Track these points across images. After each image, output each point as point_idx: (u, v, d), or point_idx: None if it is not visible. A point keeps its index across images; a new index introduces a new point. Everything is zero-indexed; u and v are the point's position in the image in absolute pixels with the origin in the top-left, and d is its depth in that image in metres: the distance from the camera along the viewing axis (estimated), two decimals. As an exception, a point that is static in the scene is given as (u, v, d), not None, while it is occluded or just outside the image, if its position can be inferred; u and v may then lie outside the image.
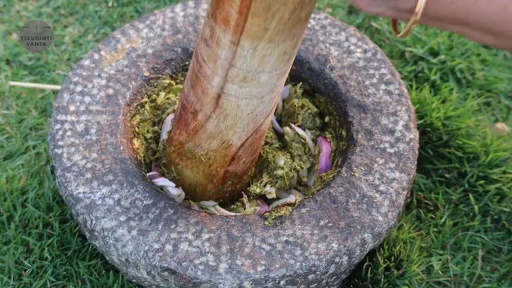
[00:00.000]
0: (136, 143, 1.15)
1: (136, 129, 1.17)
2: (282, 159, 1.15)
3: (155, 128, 1.20)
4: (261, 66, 0.89)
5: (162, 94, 1.22)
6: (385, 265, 1.16)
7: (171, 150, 1.11)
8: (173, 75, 1.23)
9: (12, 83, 1.49)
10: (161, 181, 1.11)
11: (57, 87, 1.46)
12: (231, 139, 1.02)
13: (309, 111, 1.22)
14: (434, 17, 0.77)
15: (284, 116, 1.26)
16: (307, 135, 1.20)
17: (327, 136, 1.19)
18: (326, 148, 1.17)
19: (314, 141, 1.22)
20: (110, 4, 1.70)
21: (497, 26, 0.76)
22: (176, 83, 1.24)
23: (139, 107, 1.18)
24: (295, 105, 1.22)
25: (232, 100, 0.95)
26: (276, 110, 1.25)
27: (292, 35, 0.86)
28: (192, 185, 1.12)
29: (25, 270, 1.17)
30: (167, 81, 1.22)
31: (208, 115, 0.98)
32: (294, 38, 0.87)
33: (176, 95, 1.24)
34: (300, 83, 1.24)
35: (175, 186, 1.12)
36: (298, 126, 1.21)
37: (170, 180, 1.13)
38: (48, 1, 1.70)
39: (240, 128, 1.00)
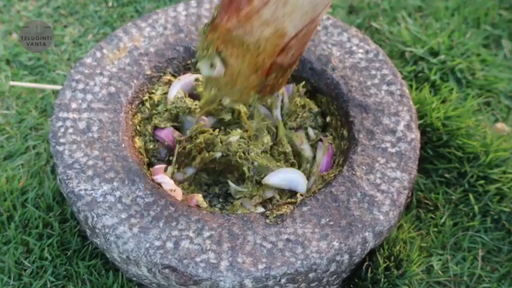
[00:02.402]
0: (138, 141, 1.15)
1: (138, 127, 1.17)
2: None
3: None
4: None
5: (160, 89, 1.21)
6: (385, 265, 1.15)
7: (215, 37, 1.02)
8: (175, 74, 1.23)
9: (12, 83, 1.48)
10: (160, 178, 1.11)
11: (58, 87, 1.45)
12: (286, 27, 0.96)
13: (310, 109, 1.22)
14: None
15: (285, 116, 1.25)
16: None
17: (327, 136, 1.19)
18: (327, 155, 1.17)
19: (316, 141, 1.22)
20: (110, 4, 1.70)
21: None
22: None
23: (140, 105, 1.18)
24: (297, 104, 1.22)
25: None
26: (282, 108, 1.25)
27: None
28: (234, 75, 1.05)
29: (25, 270, 1.17)
30: (168, 77, 1.22)
31: (266, 1, 0.91)
32: None
33: None
34: (303, 82, 1.24)
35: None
36: (299, 125, 1.22)
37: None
38: (48, 1, 1.70)
39: (298, 16, 0.94)
